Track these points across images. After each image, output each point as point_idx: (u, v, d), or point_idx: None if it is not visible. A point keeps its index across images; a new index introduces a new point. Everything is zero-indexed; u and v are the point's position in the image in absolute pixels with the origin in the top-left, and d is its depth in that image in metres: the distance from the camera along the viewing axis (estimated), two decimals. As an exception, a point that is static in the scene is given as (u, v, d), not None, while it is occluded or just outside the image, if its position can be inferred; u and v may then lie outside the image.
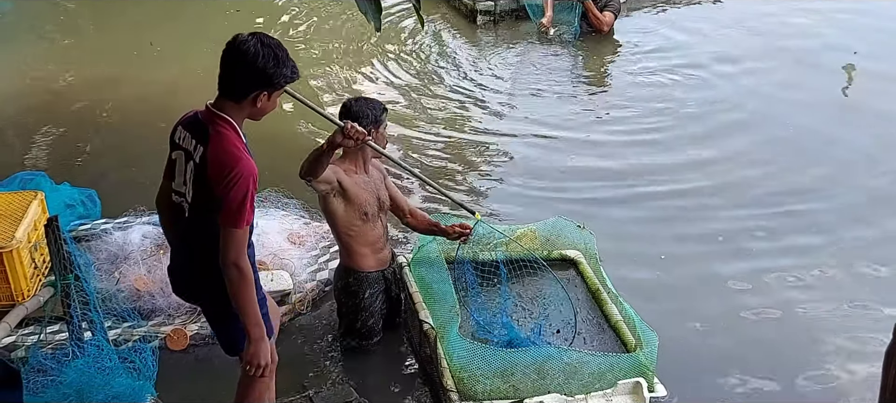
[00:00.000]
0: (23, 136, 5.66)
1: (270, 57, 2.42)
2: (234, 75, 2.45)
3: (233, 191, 2.39)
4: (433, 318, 3.33)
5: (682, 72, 6.42)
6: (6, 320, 2.96)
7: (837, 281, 4.01)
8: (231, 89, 2.47)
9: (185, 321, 3.48)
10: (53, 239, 2.96)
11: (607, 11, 6.86)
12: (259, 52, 2.41)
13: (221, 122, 2.46)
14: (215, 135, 2.45)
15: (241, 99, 2.46)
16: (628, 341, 3.27)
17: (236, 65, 2.43)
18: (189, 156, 2.51)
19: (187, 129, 2.54)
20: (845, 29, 7.33)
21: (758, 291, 3.97)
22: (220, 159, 2.42)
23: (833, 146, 5.31)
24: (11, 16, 7.98)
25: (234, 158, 2.42)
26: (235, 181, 2.39)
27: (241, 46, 2.42)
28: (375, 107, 3.37)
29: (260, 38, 2.44)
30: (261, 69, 2.41)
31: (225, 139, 2.44)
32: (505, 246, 3.82)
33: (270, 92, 2.48)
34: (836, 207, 4.61)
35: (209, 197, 2.45)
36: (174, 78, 6.37)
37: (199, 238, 2.53)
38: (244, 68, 2.42)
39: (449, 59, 6.79)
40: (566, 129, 5.57)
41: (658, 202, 4.71)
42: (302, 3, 8.04)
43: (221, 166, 2.41)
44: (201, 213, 2.50)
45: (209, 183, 2.44)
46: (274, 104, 2.54)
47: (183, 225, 2.60)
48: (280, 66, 2.44)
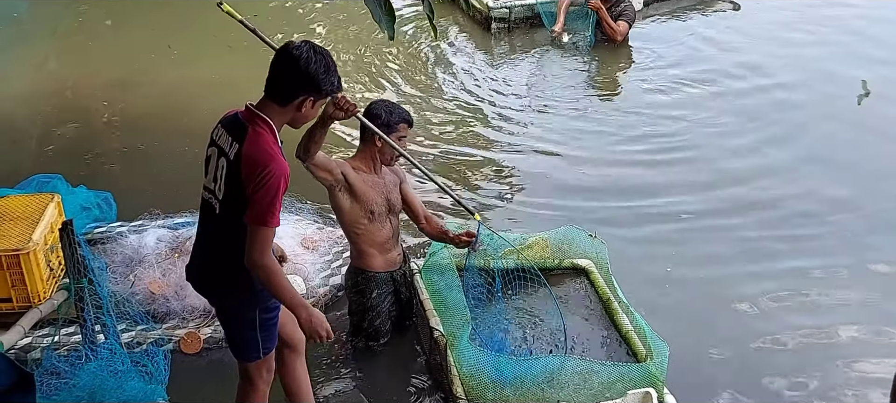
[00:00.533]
0: (39, 138, 5.73)
1: (321, 64, 2.49)
2: (283, 78, 2.49)
3: (263, 190, 2.41)
4: (443, 325, 3.34)
5: (698, 84, 6.35)
6: (20, 323, 3.01)
7: (853, 300, 3.96)
8: (278, 92, 2.51)
9: (198, 324, 3.50)
10: (68, 242, 2.99)
11: (621, 21, 6.83)
12: (311, 58, 2.47)
13: (261, 123, 2.50)
14: (252, 134, 2.48)
15: (287, 102, 2.51)
16: (639, 351, 3.27)
17: (287, 69, 2.48)
18: (222, 154, 2.53)
19: (225, 128, 2.58)
20: (864, 35, 7.27)
21: (772, 305, 3.92)
22: (253, 158, 2.44)
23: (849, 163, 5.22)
24: (28, 18, 8.07)
25: (268, 157, 2.44)
26: (267, 179, 2.41)
27: (294, 52, 2.48)
28: (394, 112, 3.36)
29: (312, 46, 2.51)
30: (312, 75, 2.47)
31: (261, 139, 2.47)
32: (516, 254, 3.83)
33: (316, 98, 2.53)
34: (855, 228, 4.52)
35: (240, 195, 2.47)
36: (190, 82, 6.42)
37: (225, 235, 2.54)
38: (294, 73, 2.47)
39: (462, 68, 6.78)
40: (578, 143, 5.52)
41: (669, 216, 4.65)
42: (318, 11, 8.08)
43: (254, 164, 2.43)
44: (231, 212, 2.51)
45: (241, 181, 2.45)
46: (316, 113, 2.60)
47: (211, 221, 2.61)
48: (329, 74, 2.51)
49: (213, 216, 2.59)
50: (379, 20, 2.54)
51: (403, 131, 3.38)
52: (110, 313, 3.16)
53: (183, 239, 3.72)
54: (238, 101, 5.36)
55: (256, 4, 8.30)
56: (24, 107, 6.20)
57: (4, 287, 3.26)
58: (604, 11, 6.71)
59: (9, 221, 3.42)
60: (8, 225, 3.39)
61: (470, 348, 3.13)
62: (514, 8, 7.40)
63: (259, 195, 2.42)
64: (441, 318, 3.38)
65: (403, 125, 3.37)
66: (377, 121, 3.29)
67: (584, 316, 3.55)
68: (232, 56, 7.01)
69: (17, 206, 3.52)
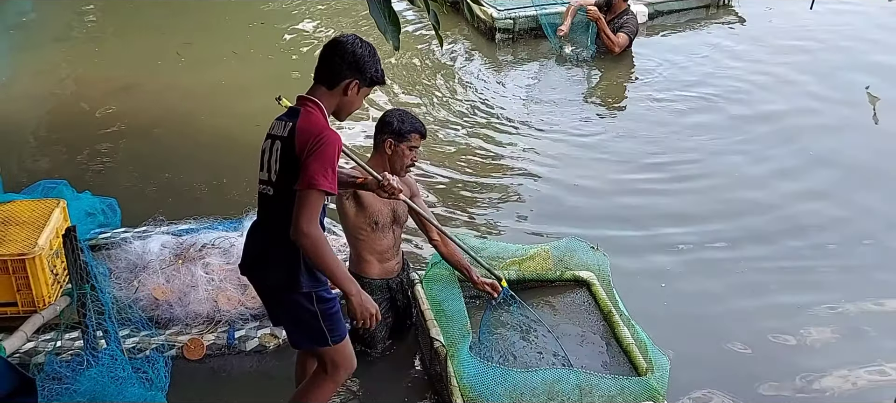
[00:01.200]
0: (45, 143, 5.76)
1: (367, 50, 2.70)
2: (331, 63, 2.68)
3: (315, 153, 2.53)
4: (444, 336, 3.34)
5: (702, 100, 6.34)
6: (23, 328, 3.02)
7: (857, 330, 3.92)
8: (326, 76, 2.69)
9: (202, 331, 3.51)
10: (71, 248, 3.01)
11: (622, 33, 6.84)
12: (357, 43, 2.69)
13: (310, 104, 2.67)
14: (304, 112, 2.65)
15: (334, 85, 2.68)
16: (640, 364, 3.26)
17: (334, 53, 2.68)
18: (274, 138, 2.67)
19: (280, 118, 2.72)
20: (867, 41, 7.30)
21: (777, 323, 3.90)
22: (306, 128, 2.59)
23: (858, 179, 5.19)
24: (35, 22, 8.12)
25: (322, 127, 2.60)
26: (319, 145, 2.54)
27: (341, 39, 2.71)
28: (406, 122, 3.36)
29: (358, 37, 2.73)
30: (359, 58, 2.67)
31: (314, 115, 2.64)
32: (518, 265, 3.84)
33: (361, 83, 2.70)
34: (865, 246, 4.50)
35: (294, 170, 2.57)
36: (197, 88, 6.45)
37: (281, 219, 2.60)
38: (341, 56, 2.67)
39: (466, 78, 6.80)
40: (580, 157, 5.51)
41: (674, 231, 4.63)
42: (323, 19, 8.12)
43: (308, 134, 2.57)
44: (285, 191, 2.60)
45: (295, 155, 2.56)
46: (360, 101, 2.76)
47: (266, 210, 2.70)
48: (374, 60, 2.71)
49: (267, 204, 2.69)
50: (384, 30, 2.57)
51: (415, 141, 3.38)
52: (112, 319, 3.18)
53: (187, 245, 3.74)
54: (245, 108, 5.42)
55: (258, 14, 8.37)
56: (30, 111, 6.23)
57: (10, 291, 3.30)
58: (603, 22, 6.75)
59: (15, 226, 3.45)
60: (14, 230, 3.42)
61: (470, 359, 3.13)
62: (519, 19, 7.43)
63: (310, 159, 2.53)
64: (441, 328, 3.38)
65: (415, 135, 3.38)
66: (389, 128, 3.30)
67: (585, 328, 3.55)
68: (239, 62, 7.06)
69: (23, 211, 3.56)
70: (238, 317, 3.46)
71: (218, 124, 5.86)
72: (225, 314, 3.47)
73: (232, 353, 3.42)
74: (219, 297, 3.48)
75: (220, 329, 3.45)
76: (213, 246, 3.69)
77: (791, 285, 4.17)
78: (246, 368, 3.48)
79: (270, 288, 2.77)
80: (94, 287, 3.09)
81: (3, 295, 3.35)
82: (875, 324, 3.89)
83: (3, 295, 3.35)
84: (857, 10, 8.19)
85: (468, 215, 4.81)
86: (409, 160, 3.41)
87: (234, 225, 3.92)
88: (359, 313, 2.68)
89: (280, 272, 2.68)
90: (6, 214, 3.55)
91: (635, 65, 6.97)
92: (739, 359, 3.67)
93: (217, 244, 3.69)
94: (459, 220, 4.72)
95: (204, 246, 3.69)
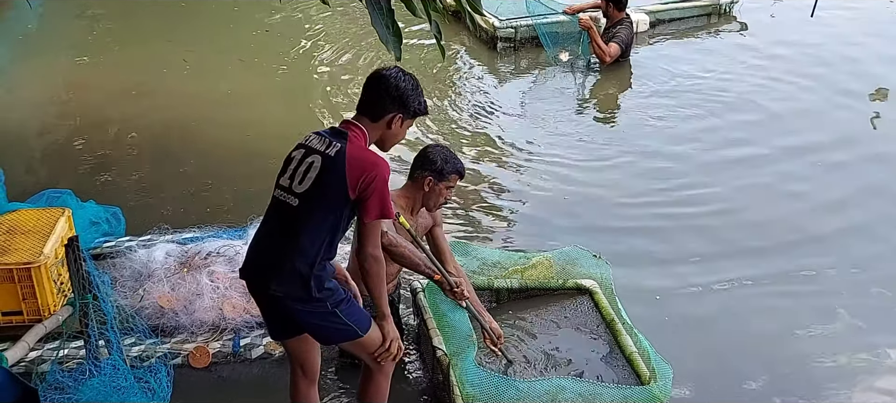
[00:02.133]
0: (49, 153, 5.78)
1: (410, 84, 2.76)
2: (375, 97, 2.74)
3: (377, 186, 2.64)
4: (446, 344, 3.34)
5: (703, 106, 6.36)
6: (25, 338, 3.01)
7: (859, 326, 3.95)
8: (370, 109, 2.75)
9: (207, 339, 3.52)
10: (73, 258, 3.01)
11: (613, 43, 6.79)
12: (400, 77, 2.75)
13: (358, 130, 2.74)
14: (354, 137, 2.71)
15: (379, 118, 2.74)
16: (642, 373, 3.27)
17: (378, 87, 2.74)
18: (314, 152, 2.69)
19: (319, 134, 2.77)
20: (871, 49, 7.31)
21: (782, 333, 3.91)
22: (360, 158, 2.66)
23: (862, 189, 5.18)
24: (39, 33, 8.15)
25: (375, 158, 2.70)
26: (379, 177, 2.64)
27: (385, 73, 2.76)
28: (449, 162, 3.36)
29: (401, 70, 2.79)
30: (403, 92, 2.73)
31: (362, 143, 2.72)
32: (520, 273, 3.85)
33: (404, 116, 2.76)
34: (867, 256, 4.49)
35: (331, 190, 2.64)
36: (201, 97, 6.47)
37: (301, 229, 2.66)
38: (386, 91, 2.73)
39: (468, 87, 6.82)
40: (580, 168, 5.50)
41: (676, 242, 4.64)
42: (324, 27, 8.15)
43: (364, 164, 2.65)
44: (314, 206, 2.66)
45: (342, 177, 2.62)
46: (403, 133, 2.83)
47: (285, 217, 2.70)
48: (417, 93, 2.77)
49: (287, 214, 2.69)
50: (386, 41, 2.58)
51: (453, 182, 3.39)
52: (114, 328, 3.19)
53: (191, 253, 3.75)
54: (248, 117, 5.43)
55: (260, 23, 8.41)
56: (34, 121, 6.26)
57: (15, 299, 3.31)
58: (594, 31, 6.75)
59: (20, 235, 3.47)
60: (19, 239, 3.44)
61: (473, 367, 3.14)
62: (520, 28, 7.45)
63: (374, 192, 2.64)
64: (444, 337, 3.39)
65: (455, 176, 3.38)
66: (431, 166, 3.32)
67: (587, 336, 3.55)
68: (243, 71, 7.08)
69: (29, 220, 3.58)
70: (243, 325, 3.47)
71: (221, 133, 5.88)
72: (230, 322, 3.48)
73: (237, 361, 3.43)
74: (224, 305, 3.49)
75: (225, 337, 3.46)
76: (218, 254, 3.71)
77: (795, 299, 4.16)
78: (251, 376, 3.49)
79: (279, 298, 2.74)
80: (96, 296, 3.10)
81: (9, 305, 3.36)
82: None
83: (9, 304, 3.36)
84: (859, 17, 8.19)
85: (470, 223, 4.83)
86: (444, 198, 3.41)
87: (239, 234, 3.94)
88: (389, 337, 2.83)
89: (294, 284, 2.68)
90: (11, 223, 3.57)
91: (635, 73, 6.95)
92: (741, 370, 3.67)
93: (222, 252, 3.71)
94: (461, 229, 4.73)
95: (209, 255, 3.71)
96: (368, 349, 2.86)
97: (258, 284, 2.80)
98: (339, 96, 6.65)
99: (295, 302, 2.71)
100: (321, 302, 2.71)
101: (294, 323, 2.81)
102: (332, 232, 2.69)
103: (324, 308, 2.72)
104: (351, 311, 2.79)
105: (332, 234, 2.69)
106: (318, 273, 2.68)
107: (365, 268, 2.73)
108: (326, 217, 2.66)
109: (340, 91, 6.73)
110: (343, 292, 2.80)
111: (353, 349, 2.92)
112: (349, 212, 2.71)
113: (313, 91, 6.79)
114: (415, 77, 2.79)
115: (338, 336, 2.84)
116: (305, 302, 2.71)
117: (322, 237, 2.66)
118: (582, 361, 3.38)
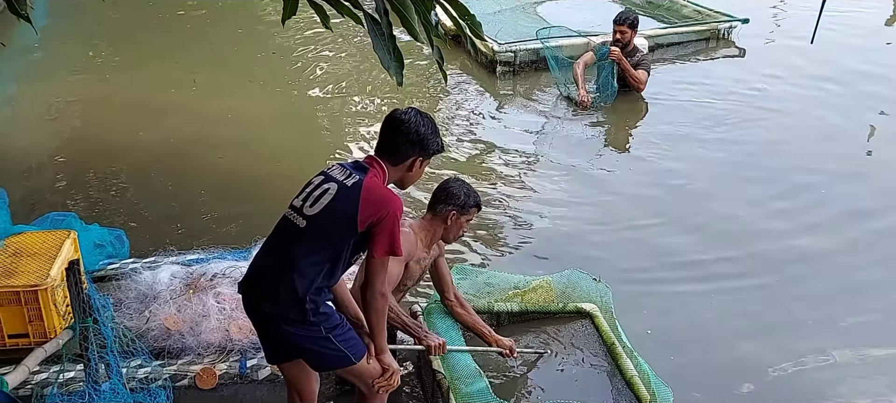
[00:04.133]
0: (52, 175, 5.79)
1: (429, 127, 2.79)
2: (396, 142, 2.77)
3: (385, 224, 2.66)
4: (445, 368, 3.35)
5: (701, 130, 6.42)
6: (25, 362, 2.97)
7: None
8: (392, 153, 2.78)
9: (214, 360, 3.51)
10: (73, 282, 3.02)
11: (641, 69, 6.72)
12: (419, 122, 2.77)
13: (379, 167, 2.77)
14: (374, 172, 2.75)
15: (399, 162, 2.78)
16: (643, 396, 3.29)
17: (398, 132, 2.76)
18: (332, 180, 2.73)
19: (342, 165, 2.81)
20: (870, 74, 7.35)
21: (783, 355, 3.92)
22: (376, 192, 2.69)
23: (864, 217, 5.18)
24: (42, 55, 8.22)
25: (390, 194, 2.72)
26: (388, 216, 2.66)
27: (403, 117, 2.78)
28: (470, 196, 3.39)
29: (418, 111, 2.81)
30: (422, 137, 2.76)
31: (381, 179, 2.75)
32: (521, 297, 3.88)
33: (424, 158, 2.81)
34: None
35: (342, 218, 2.66)
36: (205, 119, 6.52)
37: (307, 251, 2.67)
38: (406, 136, 2.75)
39: (468, 111, 6.87)
40: (578, 190, 5.54)
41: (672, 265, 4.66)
42: (326, 53, 8.24)
43: (378, 200, 2.67)
44: (320, 231, 2.68)
45: (354, 207, 2.65)
46: (422, 173, 2.87)
47: (289, 236, 2.72)
48: (436, 136, 2.81)
49: (292, 234, 2.71)
50: (388, 67, 2.57)
51: (473, 214, 3.43)
52: (114, 352, 3.18)
53: (197, 275, 3.76)
54: (253, 140, 5.47)
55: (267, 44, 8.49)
56: (37, 143, 6.29)
57: (22, 322, 3.31)
58: (625, 62, 6.60)
59: (26, 257, 3.49)
60: (26, 261, 3.46)
61: (473, 391, 3.16)
62: (519, 52, 7.54)
63: (384, 230, 2.66)
64: (443, 361, 3.39)
65: (474, 209, 3.42)
66: (454, 201, 3.34)
67: (587, 360, 3.58)
68: (247, 94, 7.14)
69: (35, 242, 3.60)
70: (250, 346, 3.47)
71: (224, 155, 5.93)
72: (237, 343, 3.48)
73: (244, 382, 3.43)
74: (230, 326, 3.49)
75: (231, 358, 3.46)
76: (224, 275, 3.72)
77: (799, 320, 4.18)
78: (258, 397, 3.48)
79: (272, 318, 2.75)
80: (96, 320, 3.10)
81: (16, 327, 3.36)
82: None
83: (16, 326, 3.36)
84: (859, 43, 8.25)
85: (469, 248, 4.84)
86: (462, 231, 3.47)
87: (244, 255, 3.95)
88: (390, 369, 2.86)
89: (289, 305, 2.69)
90: (17, 246, 3.59)
91: (635, 98, 6.97)
92: (742, 393, 3.69)
93: (228, 273, 3.72)
94: (461, 253, 4.76)
95: (214, 276, 3.71)
96: (362, 376, 2.87)
97: (253, 301, 2.81)
98: (347, 119, 6.70)
99: (289, 324, 2.72)
100: (315, 326, 2.72)
101: (288, 347, 2.82)
102: (334, 260, 2.70)
103: (318, 332, 2.73)
104: (345, 337, 2.80)
105: (332, 263, 2.70)
106: (314, 297, 2.69)
107: (370, 304, 2.76)
108: (330, 243, 2.67)
109: (350, 115, 6.77)
110: (338, 317, 2.81)
111: (346, 375, 2.95)
112: (354, 246, 2.73)
113: (320, 114, 6.86)
114: (431, 118, 2.82)
115: (331, 361, 2.84)
116: (299, 326, 2.71)
117: (323, 263, 2.67)
118: (582, 385, 3.40)
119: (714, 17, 8.50)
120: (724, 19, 8.42)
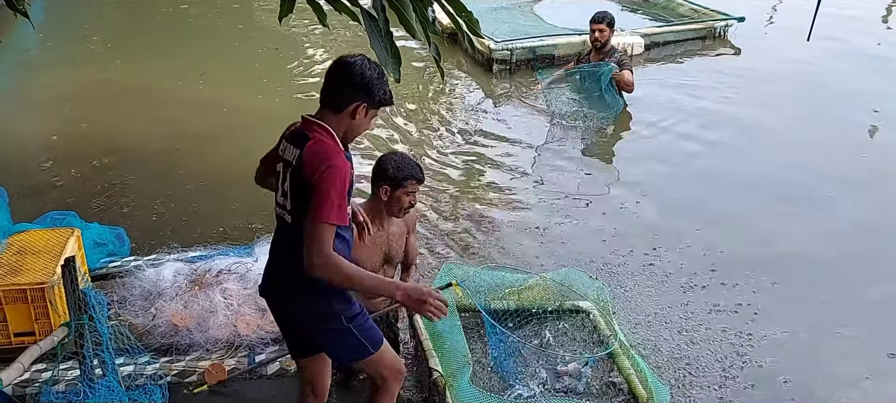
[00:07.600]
0: (51, 174, 5.80)
1: (375, 72, 2.61)
2: (337, 86, 2.61)
3: (323, 183, 2.47)
4: (442, 366, 3.36)
5: (696, 129, 6.46)
6: (20, 359, 2.95)
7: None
8: (333, 100, 2.62)
9: (222, 356, 3.49)
10: (69, 279, 3.02)
11: (625, 69, 6.68)
12: (365, 65, 2.61)
13: (318, 128, 2.61)
14: (313, 139, 2.58)
15: (342, 109, 2.61)
16: (640, 394, 3.32)
17: (341, 75, 2.61)
18: (288, 164, 2.62)
19: (289, 141, 2.67)
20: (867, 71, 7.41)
21: (781, 357, 3.95)
22: (315, 154, 2.52)
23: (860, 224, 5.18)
24: (41, 54, 8.22)
25: (331, 153, 2.53)
26: (324, 173, 2.48)
27: (348, 60, 2.63)
28: (402, 169, 3.28)
29: (365, 57, 2.65)
30: (367, 81, 2.60)
31: (322, 142, 2.57)
32: (517, 295, 3.89)
33: (369, 105, 2.64)
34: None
35: (306, 200, 2.51)
36: (204, 116, 6.54)
37: (298, 245, 2.55)
38: (349, 79, 2.60)
39: (464, 109, 6.90)
40: (574, 190, 5.55)
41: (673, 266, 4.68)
42: (328, 49, 8.26)
43: (317, 162, 2.50)
44: (300, 217, 2.57)
45: (304, 184, 2.52)
46: (368, 123, 2.70)
47: (284, 234, 2.68)
48: (382, 81, 2.63)
49: (286, 228, 2.67)
50: (385, 63, 2.55)
51: (412, 187, 3.32)
52: (109, 349, 3.18)
53: (201, 271, 3.76)
54: (255, 138, 5.50)
55: (270, 44, 8.50)
56: (36, 142, 6.29)
57: (28, 320, 3.31)
58: (618, 72, 6.53)
59: (31, 255, 3.49)
60: (30, 259, 3.46)
61: (470, 389, 3.18)
62: (516, 50, 7.57)
63: (318, 190, 2.47)
64: (440, 358, 3.40)
65: (412, 181, 3.30)
66: (384, 176, 3.28)
67: (585, 357, 3.61)
68: (248, 90, 7.15)
69: (38, 240, 3.61)
70: (258, 341, 3.46)
71: (223, 152, 5.95)
72: (245, 338, 3.47)
73: (253, 378, 3.42)
74: (238, 322, 3.47)
75: (240, 353, 3.44)
76: (230, 271, 3.71)
77: (798, 319, 4.20)
78: (267, 393, 3.50)
79: (294, 317, 2.77)
80: (91, 317, 3.10)
81: (22, 325, 3.35)
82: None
83: (22, 324, 3.35)
84: (854, 40, 8.30)
85: (466, 246, 4.86)
86: (406, 204, 3.35)
87: (248, 251, 3.94)
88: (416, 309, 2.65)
89: (306, 303, 2.67)
90: (21, 244, 3.60)
91: (628, 98, 6.91)
92: (739, 391, 3.73)
93: (234, 269, 3.70)
94: (457, 252, 4.78)
95: (220, 272, 3.70)
96: (378, 367, 2.84)
97: (273, 304, 2.82)
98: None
99: (309, 319, 2.71)
100: (336, 317, 2.69)
101: (310, 342, 2.83)
102: None
103: (339, 324, 2.69)
104: (365, 327, 2.76)
105: None
106: (327, 288, 2.61)
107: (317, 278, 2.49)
108: None
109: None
110: (358, 305, 2.77)
111: (365, 367, 2.89)
112: None
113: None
114: (380, 66, 2.61)
115: (352, 353, 2.79)
116: (319, 320, 2.70)
117: None
118: (579, 382, 3.43)
119: (710, 16, 8.53)
120: (720, 18, 8.45)
